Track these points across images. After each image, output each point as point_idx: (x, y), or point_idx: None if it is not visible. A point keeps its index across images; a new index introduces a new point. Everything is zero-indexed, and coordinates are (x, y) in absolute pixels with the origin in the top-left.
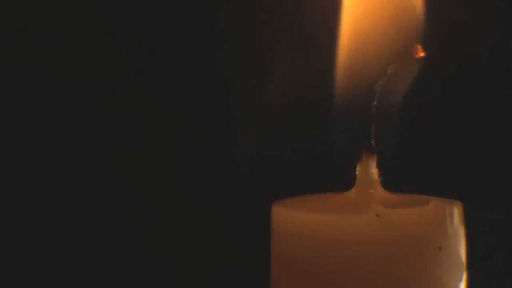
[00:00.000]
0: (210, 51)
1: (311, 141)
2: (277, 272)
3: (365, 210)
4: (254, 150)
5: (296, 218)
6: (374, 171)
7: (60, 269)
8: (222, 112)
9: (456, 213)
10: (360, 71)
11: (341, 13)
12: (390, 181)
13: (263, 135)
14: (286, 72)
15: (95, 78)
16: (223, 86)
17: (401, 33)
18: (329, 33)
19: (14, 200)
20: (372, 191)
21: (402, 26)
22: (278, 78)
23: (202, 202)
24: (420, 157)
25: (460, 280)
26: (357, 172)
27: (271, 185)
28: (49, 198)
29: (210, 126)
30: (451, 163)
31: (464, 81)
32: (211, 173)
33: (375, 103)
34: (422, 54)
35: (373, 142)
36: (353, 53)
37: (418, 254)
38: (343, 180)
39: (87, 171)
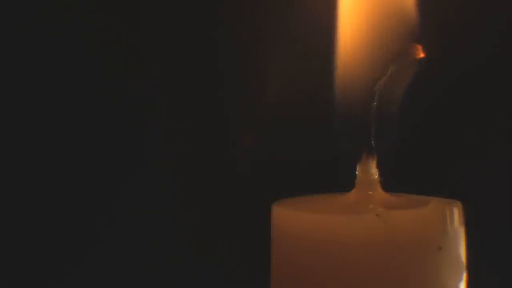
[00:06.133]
0: (209, 52)
1: (311, 141)
2: (277, 272)
3: (365, 210)
4: (254, 150)
5: (296, 218)
6: (374, 171)
7: (60, 269)
8: (222, 112)
9: (456, 213)
10: (360, 71)
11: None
12: (390, 182)
13: (263, 135)
14: (286, 72)
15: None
16: (223, 86)
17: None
18: (329, 33)
19: (13, 200)
20: (372, 191)
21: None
22: (279, 78)
23: (202, 202)
24: (420, 157)
25: (460, 280)
26: (357, 172)
27: (271, 185)
28: (48, 198)
29: (210, 126)
30: (451, 163)
31: (464, 81)
32: (211, 173)
33: (375, 103)
34: (422, 55)
35: (373, 142)
36: (353, 53)
37: (418, 254)
38: (343, 180)
39: (87, 171)
